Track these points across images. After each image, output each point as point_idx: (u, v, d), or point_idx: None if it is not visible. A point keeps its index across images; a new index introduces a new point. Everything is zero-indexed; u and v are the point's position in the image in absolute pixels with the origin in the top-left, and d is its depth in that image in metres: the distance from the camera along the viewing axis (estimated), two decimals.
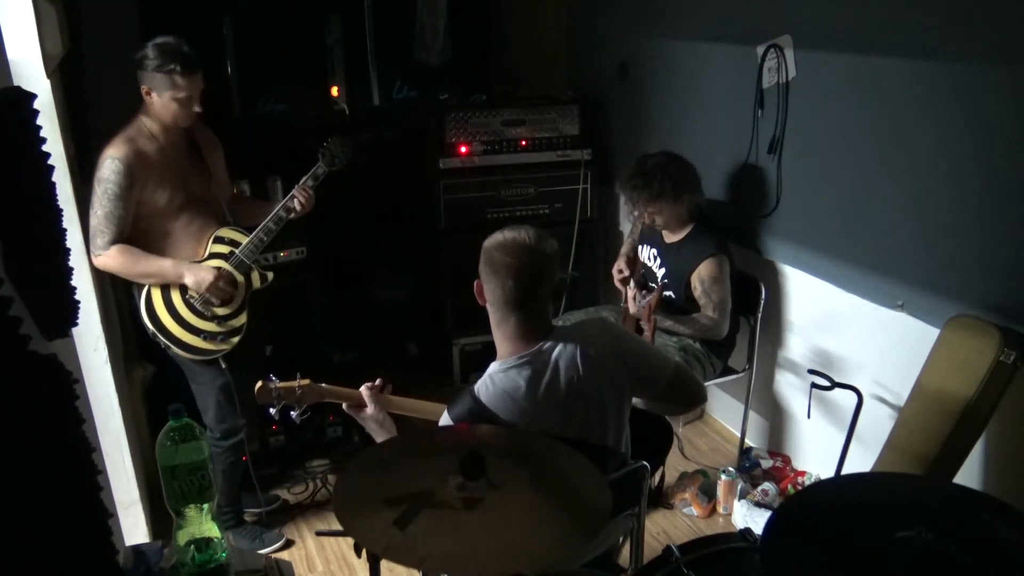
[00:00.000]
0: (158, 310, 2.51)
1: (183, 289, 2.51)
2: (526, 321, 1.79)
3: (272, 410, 2.01)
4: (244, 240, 2.59)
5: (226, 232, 2.59)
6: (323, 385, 2.02)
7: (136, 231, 2.44)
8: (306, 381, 2.00)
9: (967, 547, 1.36)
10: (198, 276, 2.49)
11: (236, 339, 2.59)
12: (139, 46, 2.43)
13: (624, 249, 3.32)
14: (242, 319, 2.61)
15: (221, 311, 2.56)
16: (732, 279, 2.94)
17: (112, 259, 2.42)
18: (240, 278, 2.59)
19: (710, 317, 2.89)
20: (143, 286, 2.51)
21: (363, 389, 1.98)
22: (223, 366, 2.59)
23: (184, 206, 2.51)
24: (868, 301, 2.69)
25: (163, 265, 2.48)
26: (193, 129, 2.58)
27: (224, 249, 2.57)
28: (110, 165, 2.36)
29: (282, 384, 1.99)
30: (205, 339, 2.55)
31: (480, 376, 1.83)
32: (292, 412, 2.01)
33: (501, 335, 1.83)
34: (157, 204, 2.45)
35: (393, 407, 2.00)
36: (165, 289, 2.51)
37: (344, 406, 1.98)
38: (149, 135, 2.44)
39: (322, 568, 2.80)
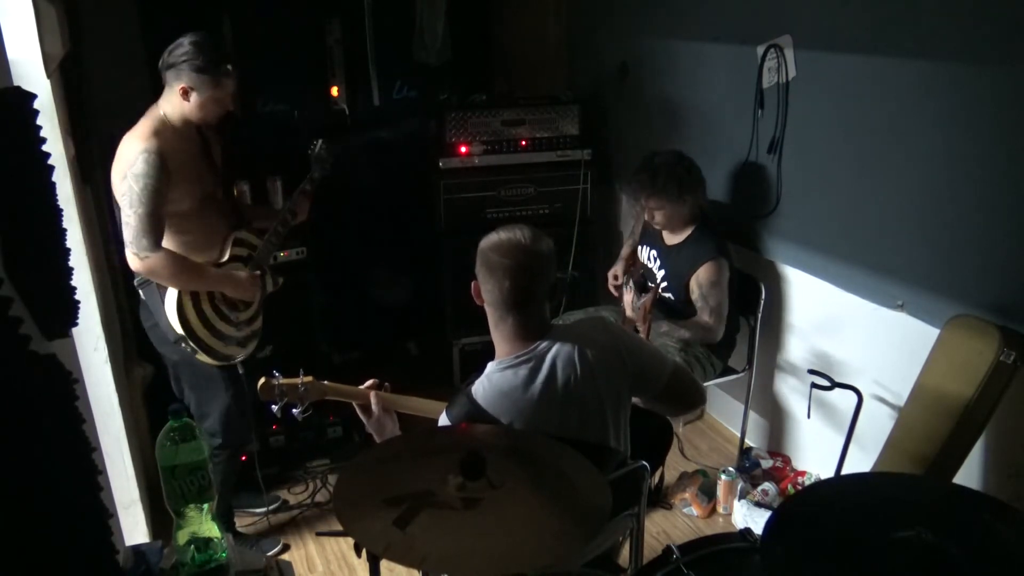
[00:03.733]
0: (189, 315, 2.41)
1: (211, 293, 2.47)
2: (523, 321, 1.79)
3: (274, 407, 2.01)
4: (258, 243, 2.58)
5: (243, 235, 2.56)
6: (326, 383, 2.02)
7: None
8: (309, 378, 2.00)
9: (967, 547, 1.36)
10: (238, 282, 2.47)
11: (255, 343, 2.58)
12: (139, 46, 2.41)
13: (623, 252, 3.32)
14: (259, 323, 2.61)
15: (244, 315, 2.55)
16: (732, 281, 2.94)
17: (161, 262, 2.29)
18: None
19: (706, 321, 2.89)
20: (174, 291, 2.39)
21: (369, 392, 1.97)
22: (240, 371, 2.54)
23: (202, 205, 2.44)
24: (868, 301, 2.69)
25: (209, 272, 2.43)
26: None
27: (243, 252, 2.55)
28: (147, 159, 2.22)
29: (285, 380, 1.99)
30: (230, 344, 2.51)
31: (478, 376, 1.83)
32: (294, 409, 2.01)
33: (499, 335, 1.83)
34: (182, 203, 2.36)
35: (395, 405, 2.00)
36: (194, 293, 2.43)
37: (355, 405, 1.98)
38: (172, 130, 2.34)
39: (322, 568, 2.80)
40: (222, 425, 2.60)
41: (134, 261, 2.30)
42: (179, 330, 2.40)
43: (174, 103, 2.33)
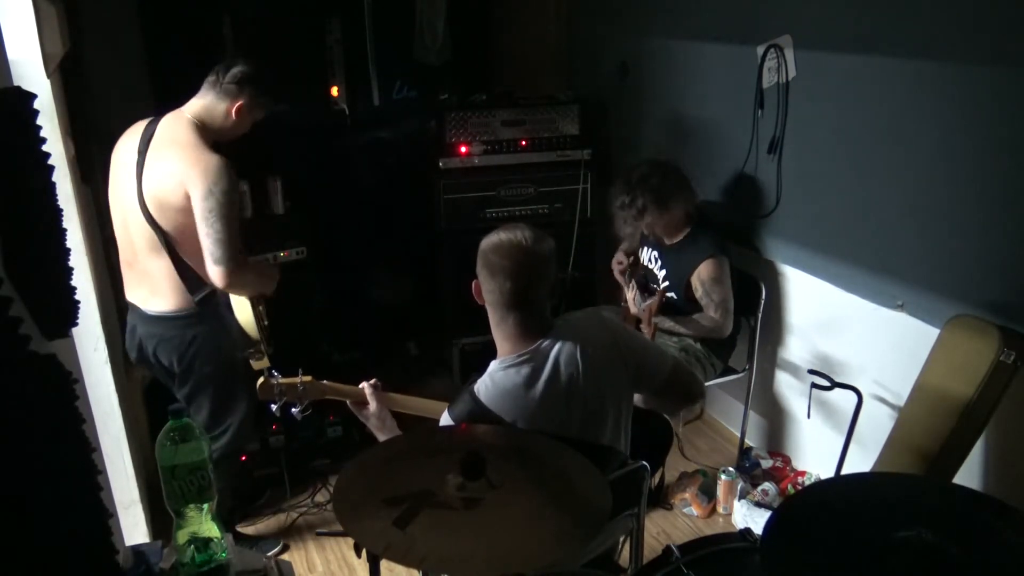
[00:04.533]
0: (258, 322, 2.44)
1: (258, 298, 2.50)
2: (524, 320, 1.79)
3: (273, 406, 2.01)
4: None
5: None
6: (324, 382, 2.02)
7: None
8: (308, 378, 2.00)
9: (967, 547, 1.36)
10: (272, 273, 2.52)
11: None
12: (139, 46, 2.41)
13: (623, 245, 3.31)
14: None
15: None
16: (732, 278, 2.94)
17: (247, 270, 2.35)
18: None
19: (712, 318, 2.90)
20: (244, 300, 2.40)
21: (365, 387, 1.98)
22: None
23: None
24: (868, 301, 2.69)
25: (268, 269, 2.48)
26: None
27: None
28: (230, 174, 2.23)
29: (284, 380, 1.99)
30: (270, 345, 2.53)
31: (480, 375, 1.83)
32: (293, 409, 2.01)
33: (500, 334, 1.83)
34: None
35: (395, 405, 2.00)
36: (253, 300, 2.45)
37: (348, 403, 1.99)
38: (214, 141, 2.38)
39: (322, 568, 2.80)
40: (237, 431, 2.59)
41: (224, 277, 2.25)
42: (257, 336, 2.42)
43: (217, 117, 2.35)
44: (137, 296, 2.46)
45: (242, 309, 2.40)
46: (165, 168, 2.26)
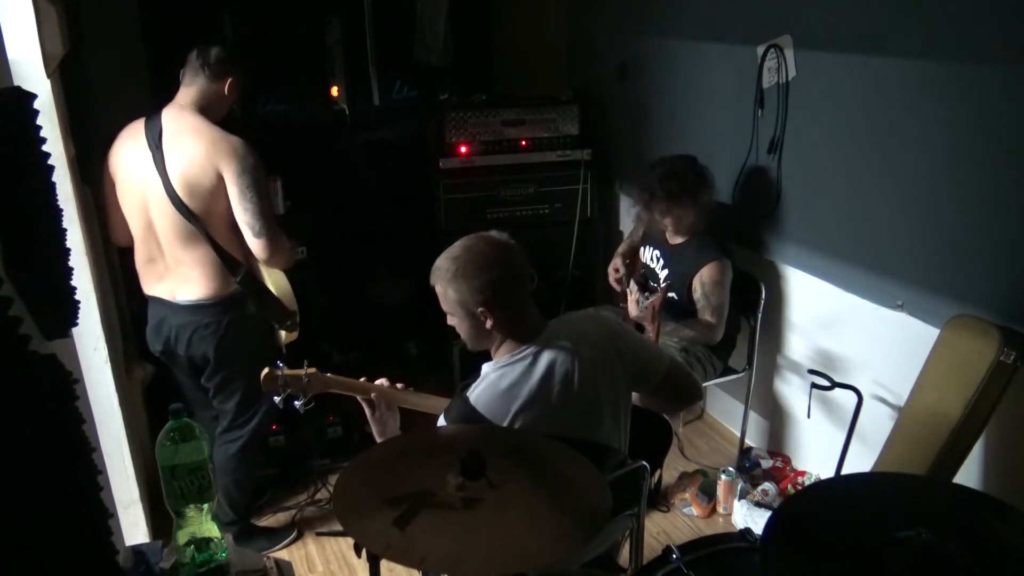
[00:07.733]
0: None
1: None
2: (520, 321, 1.79)
3: (277, 398, 2.00)
4: None
5: None
6: (329, 375, 2.02)
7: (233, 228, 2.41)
8: (312, 370, 1.99)
9: (967, 547, 1.36)
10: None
11: None
12: (139, 46, 2.43)
13: (621, 249, 3.31)
14: None
15: None
16: (733, 281, 2.93)
17: (284, 239, 2.44)
18: None
19: (708, 320, 2.89)
20: (279, 273, 2.52)
21: (371, 385, 1.98)
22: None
23: None
24: (868, 301, 2.69)
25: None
26: None
27: None
28: (254, 151, 2.36)
29: (289, 372, 1.98)
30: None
31: (474, 379, 1.83)
32: (296, 401, 2.00)
33: (498, 338, 1.83)
34: None
35: (400, 401, 2.00)
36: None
37: (359, 399, 1.98)
38: None
39: (322, 568, 2.80)
40: (264, 417, 2.65)
41: (266, 248, 2.39)
42: (295, 307, 2.53)
43: (215, 99, 2.44)
44: (163, 289, 2.49)
45: (278, 281, 2.50)
46: (191, 153, 2.34)
